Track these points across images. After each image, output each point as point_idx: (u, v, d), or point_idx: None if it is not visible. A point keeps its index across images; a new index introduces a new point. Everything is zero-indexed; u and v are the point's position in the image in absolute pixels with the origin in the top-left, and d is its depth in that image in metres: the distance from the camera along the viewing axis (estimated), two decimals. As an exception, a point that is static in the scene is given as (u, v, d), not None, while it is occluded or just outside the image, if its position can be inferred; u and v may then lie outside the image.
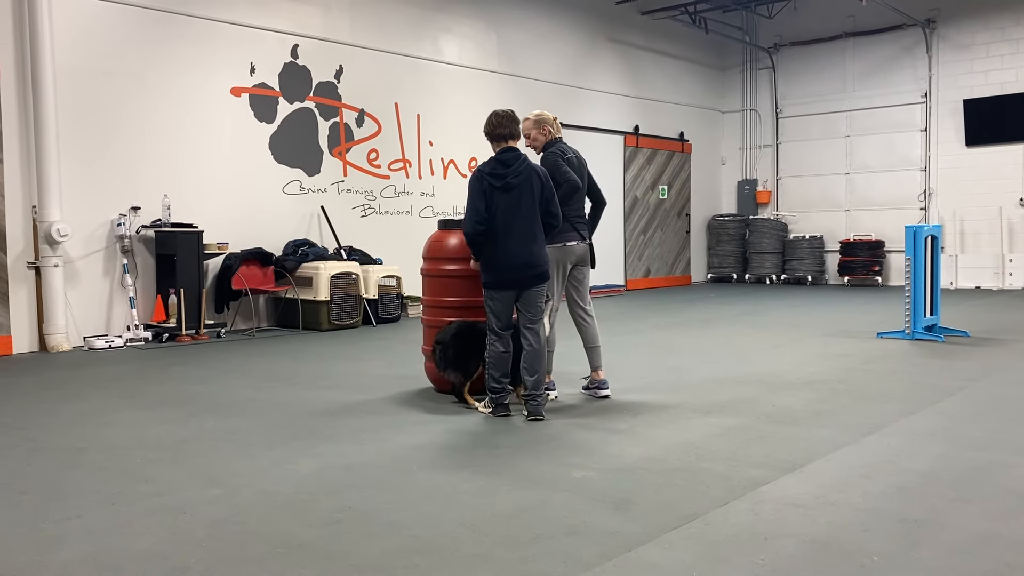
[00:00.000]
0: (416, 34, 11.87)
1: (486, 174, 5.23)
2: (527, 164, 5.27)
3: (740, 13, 16.45)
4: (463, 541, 3.18)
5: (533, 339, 5.26)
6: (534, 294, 5.26)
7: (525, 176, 5.21)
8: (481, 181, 5.21)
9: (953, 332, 8.65)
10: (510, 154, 5.28)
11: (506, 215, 5.17)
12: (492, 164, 5.27)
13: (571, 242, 5.70)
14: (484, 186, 5.19)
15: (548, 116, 5.82)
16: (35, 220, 8.32)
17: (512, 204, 5.18)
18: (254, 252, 9.73)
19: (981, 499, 3.61)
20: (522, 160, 5.27)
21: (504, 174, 5.20)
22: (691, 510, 3.48)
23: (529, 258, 5.21)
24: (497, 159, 5.28)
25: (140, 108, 9.09)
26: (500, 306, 5.25)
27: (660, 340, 8.62)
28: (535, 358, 5.23)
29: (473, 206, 5.21)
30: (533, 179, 5.23)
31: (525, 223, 5.20)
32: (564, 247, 5.67)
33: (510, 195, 5.18)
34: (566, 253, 5.70)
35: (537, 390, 5.17)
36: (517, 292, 5.24)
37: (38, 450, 4.58)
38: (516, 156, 5.28)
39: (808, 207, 16.82)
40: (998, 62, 14.60)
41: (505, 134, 5.33)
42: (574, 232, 5.71)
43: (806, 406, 5.46)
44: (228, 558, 3.04)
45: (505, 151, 5.30)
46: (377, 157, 11.50)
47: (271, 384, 6.47)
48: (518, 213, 5.18)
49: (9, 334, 8.17)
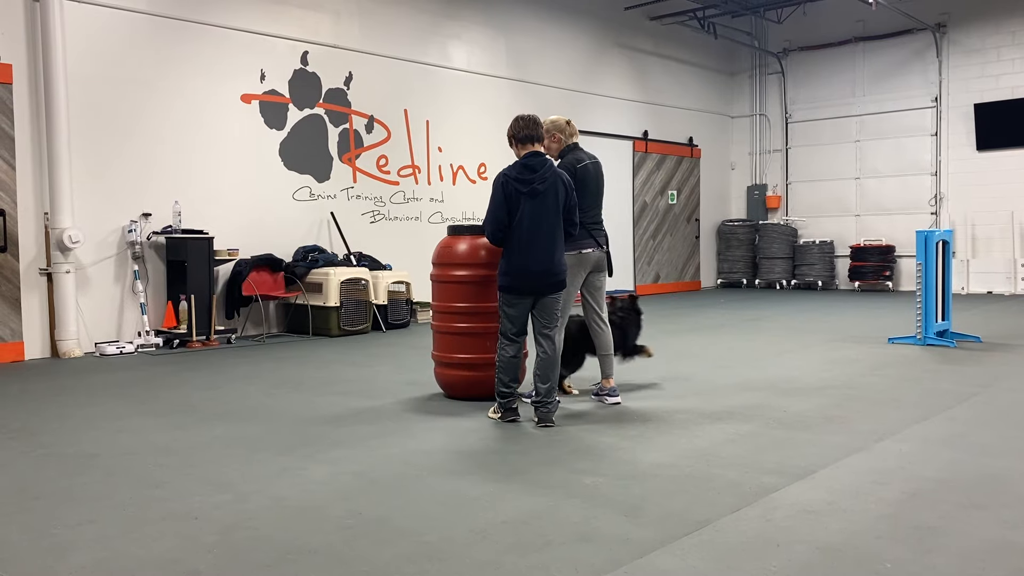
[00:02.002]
0: (425, 41, 11.91)
1: (512, 179, 5.15)
2: (554, 170, 5.23)
3: (749, 18, 16.42)
4: (473, 547, 3.17)
5: (548, 346, 5.24)
6: (551, 301, 5.23)
7: (551, 182, 5.17)
8: (506, 186, 5.15)
9: (965, 337, 8.60)
10: (536, 159, 5.21)
11: (532, 221, 5.12)
12: (518, 169, 5.19)
13: (587, 249, 5.67)
14: (509, 190, 5.14)
15: (560, 122, 5.78)
16: (47, 226, 8.37)
17: (538, 210, 5.13)
18: (264, 258, 9.76)
19: (995, 506, 3.59)
20: (549, 166, 5.21)
21: (531, 179, 5.14)
22: (703, 516, 3.46)
23: (551, 265, 5.18)
24: (523, 164, 5.20)
25: (151, 115, 9.14)
26: (516, 312, 5.22)
27: (670, 346, 8.60)
28: (549, 365, 5.21)
29: (494, 213, 5.18)
30: (559, 186, 5.20)
31: (549, 230, 5.16)
32: (580, 254, 5.64)
33: (536, 201, 5.12)
34: (582, 260, 5.67)
35: (549, 397, 5.15)
36: (534, 299, 5.22)
37: (50, 456, 4.60)
38: (543, 161, 5.22)
39: (818, 212, 16.77)
40: (1009, 66, 14.54)
41: (532, 136, 5.26)
42: (590, 239, 5.68)
43: (817, 412, 5.43)
44: (238, 564, 3.04)
45: (531, 155, 5.22)
46: (386, 163, 11.52)
47: (281, 390, 6.48)
48: (544, 219, 5.13)
49: (21, 340, 8.21)
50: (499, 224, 5.17)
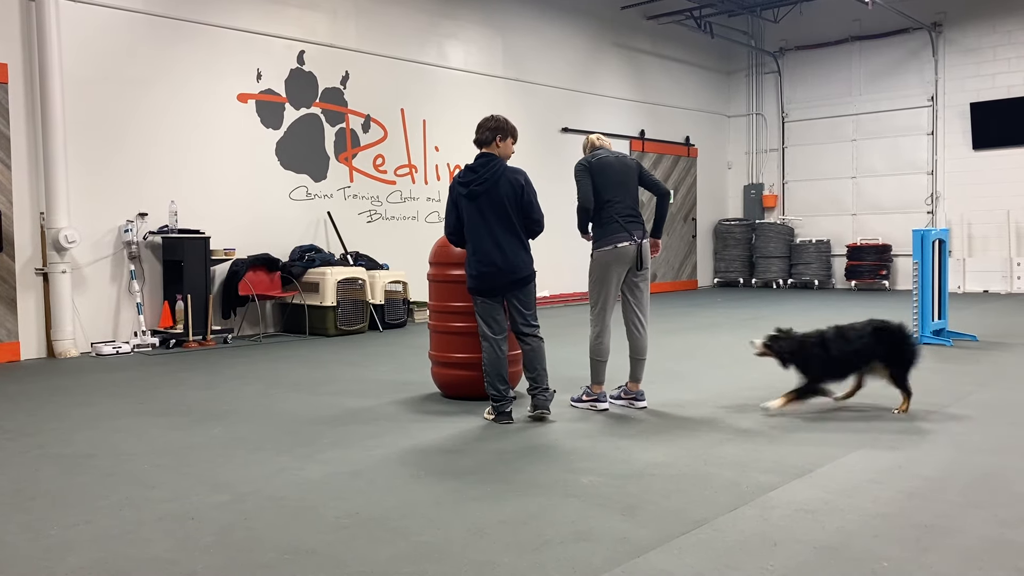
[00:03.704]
0: (422, 40, 11.90)
1: (457, 182, 5.31)
2: (496, 171, 5.21)
3: (746, 17, 16.44)
4: (471, 547, 3.17)
5: (530, 340, 5.31)
6: (518, 300, 5.27)
7: (492, 183, 5.19)
8: (452, 190, 5.32)
9: (961, 336, 8.61)
10: (480, 160, 5.29)
11: (475, 222, 5.22)
12: (463, 172, 5.34)
13: (622, 243, 5.40)
14: (454, 194, 5.29)
15: (590, 139, 5.76)
16: (43, 226, 8.35)
17: (480, 211, 5.20)
18: (261, 258, 9.75)
19: (991, 504, 3.59)
20: (492, 167, 5.22)
21: (470, 181, 5.24)
22: (700, 516, 3.46)
23: (503, 264, 5.20)
24: (467, 167, 5.33)
25: (147, 115, 9.12)
26: (484, 310, 5.29)
27: (667, 345, 8.60)
28: (532, 357, 5.27)
29: (446, 217, 5.37)
30: (503, 185, 5.20)
31: (493, 230, 5.19)
32: (615, 248, 5.41)
33: (477, 202, 5.21)
34: (618, 256, 5.41)
35: (539, 384, 5.22)
36: (500, 297, 5.28)
37: (46, 456, 4.59)
38: (486, 163, 5.25)
39: (814, 211, 16.79)
40: (1005, 65, 14.56)
41: (481, 139, 5.35)
42: (624, 232, 5.40)
43: (814, 411, 5.44)
44: (236, 564, 3.03)
45: (478, 157, 5.32)
46: (383, 163, 11.51)
47: (278, 390, 6.47)
48: (484, 220, 5.19)
49: (17, 340, 8.20)
50: (450, 227, 5.36)
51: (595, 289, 5.51)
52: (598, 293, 5.49)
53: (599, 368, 5.55)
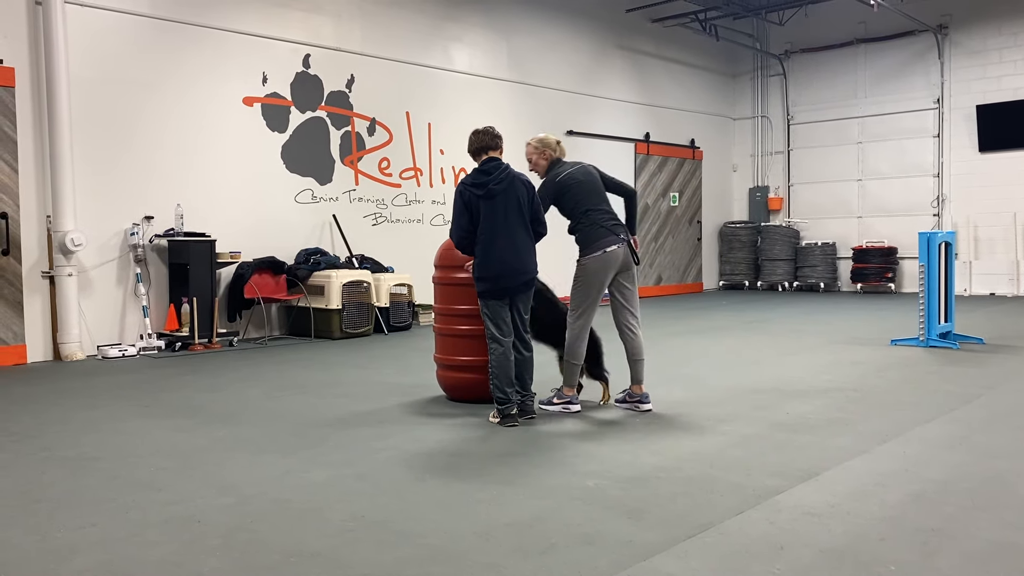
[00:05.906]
0: (427, 43, 11.91)
1: (468, 185, 5.31)
2: (509, 172, 5.32)
3: (751, 20, 16.43)
4: (476, 550, 3.16)
5: (527, 349, 5.43)
6: (523, 303, 5.38)
7: (508, 183, 5.27)
8: (463, 193, 5.30)
9: (968, 339, 8.59)
10: (491, 163, 5.35)
11: (493, 221, 5.24)
12: (474, 175, 5.36)
13: (611, 247, 5.46)
14: (467, 197, 5.28)
15: (550, 139, 5.75)
16: (49, 230, 8.37)
17: (498, 210, 5.24)
18: (266, 261, 9.76)
19: (998, 508, 3.58)
20: (503, 168, 5.32)
21: (486, 182, 5.27)
22: (706, 519, 3.46)
23: (517, 264, 5.28)
24: (478, 169, 5.37)
25: (153, 118, 9.15)
26: (494, 312, 5.31)
27: (673, 348, 8.59)
28: (526, 365, 5.41)
29: (457, 221, 5.34)
30: (517, 186, 5.30)
31: (512, 229, 5.26)
32: (605, 254, 5.45)
33: (494, 202, 5.24)
34: (607, 261, 5.47)
35: (526, 390, 5.38)
36: (508, 299, 5.31)
37: (52, 459, 4.59)
38: (497, 165, 5.34)
39: (820, 214, 16.76)
40: (1011, 67, 14.53)
41: (485, 145, 5.39)
42: (611, 235, 5.47)
43: (820, 414, 5.42)
44: (241, 567, 3.04)
45: (486, 162, 5.37)
46: (388, 166, 11.53)
47: (283, 393, 6.48)
48: (504, 219, 5.24)
49: (24, 343, 8.22)
50: (463, 231, 5.32)
51: (579, 294, 5.55)
52: (582, 299, 5.54)
53: (574, 371, 5.62)
